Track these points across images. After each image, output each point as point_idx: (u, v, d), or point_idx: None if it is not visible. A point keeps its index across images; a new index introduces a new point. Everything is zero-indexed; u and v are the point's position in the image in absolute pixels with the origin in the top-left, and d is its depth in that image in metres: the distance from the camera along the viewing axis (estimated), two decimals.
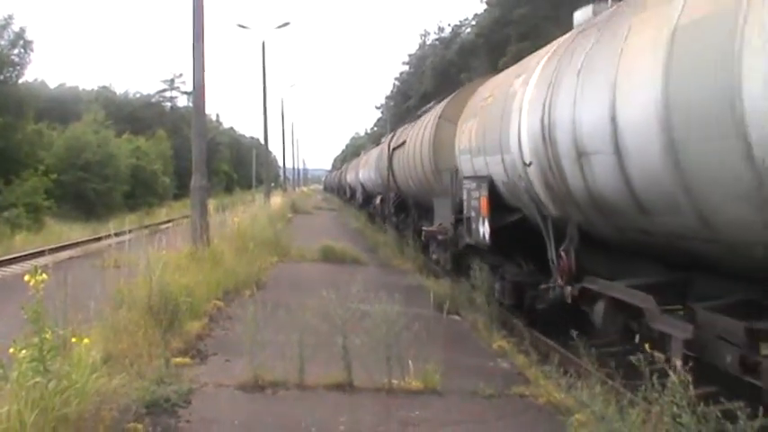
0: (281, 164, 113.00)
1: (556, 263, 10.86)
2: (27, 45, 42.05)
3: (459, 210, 16.10)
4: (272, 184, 73.56)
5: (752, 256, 6.49)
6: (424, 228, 21.84)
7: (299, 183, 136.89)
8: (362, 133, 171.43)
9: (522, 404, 8.47)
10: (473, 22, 75.97)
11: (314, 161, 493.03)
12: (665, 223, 7.74)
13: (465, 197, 15.36)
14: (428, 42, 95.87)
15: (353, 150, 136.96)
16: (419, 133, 23.57)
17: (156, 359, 8.72)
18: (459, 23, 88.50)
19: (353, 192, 55.95)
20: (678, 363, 6.92)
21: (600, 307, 9.54)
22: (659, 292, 8.09)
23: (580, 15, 11.36)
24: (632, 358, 6.72)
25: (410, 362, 8.73)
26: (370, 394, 8.36)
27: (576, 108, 9.10)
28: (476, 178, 14.61)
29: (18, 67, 41.96)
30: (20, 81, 43.40)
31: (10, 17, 41.25)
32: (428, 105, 26.90)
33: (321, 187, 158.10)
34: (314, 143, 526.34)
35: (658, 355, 7.21)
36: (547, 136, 10.12)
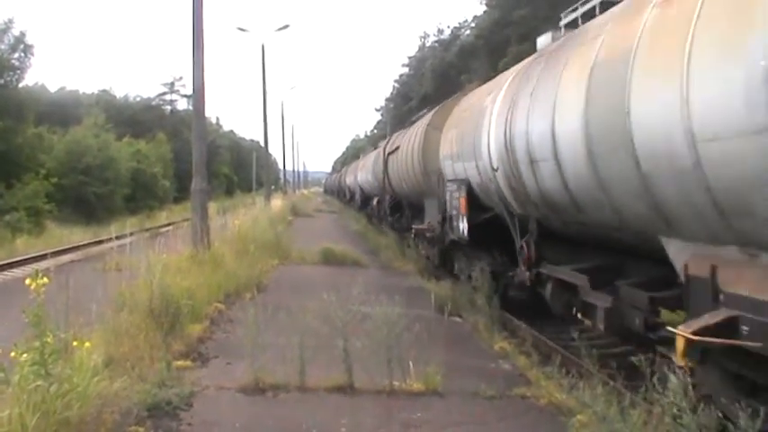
0: (281, 166, 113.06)
1: (520, 253, 12.88)
2: (27, 49, 42.09)
3: (444, 209, 17.75)
4: (273, 187, 73.52)
5: (652, 243, 8.11)
6: (413, 226, 23.59)
7: (299, 185, 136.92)
8: (362, 135, 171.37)
9: (524, 405, 8.47)
10: (472, 24, 76.05)
11: (314, 164, 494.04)
12: (594, 217, 9.59)
13: (448, 198, 17.24)
14: (428, 44, 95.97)
15: (354, 153, 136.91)
16: (411, 139, 25.17)
17: (157, 362, 8.72)
18: (458, 25, 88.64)
19: (353, 194, 58.05)
20: (601, 326, 9.60)
21: (549, 287, 11.66)
22: (594, 273, 10.01)
23: (542, 41, 13.17)
24: (633, 359, 6.73)
25: (411, 364, 8.74)
26: (371, 396, 8.36)
27: (529, 123, 10.97)
28: (456, 181, 16.47)
29: (18, 71, 42.00)
30: (20, 85, 43.41)
31: (10, 21, 41.28)
32: (420, 113, 29.08)
33: (321, 190, 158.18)
34: (314, 146, 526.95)
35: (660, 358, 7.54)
36: (508, 146, 11.96)
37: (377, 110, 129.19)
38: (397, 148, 28.15)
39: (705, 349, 6.66)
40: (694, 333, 6.41)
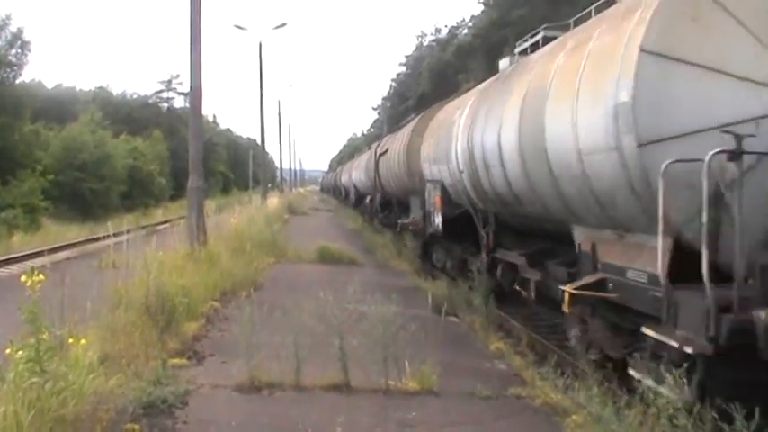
0: (278, 165, 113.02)
1: (481, 242, 15.67)
2: (24, 45, 42.12)
3: (424, 206, 20.38)
4: (269, 185, 73.53)
5: (567, 229, 10.59)
6: (399, 221, 26.20)
7: (295, 184, 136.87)
8: (359, 134, 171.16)
9: (519, 405, 8.47)
10: (470, 24, 76.02)
11: (311, 162, 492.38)
12: (530, 211, 12.23)
13: (427, 196, 19.83)
14: (425, 43, 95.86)
15: (350, 151, 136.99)
16: (398, 143, 28.07)
17: (152, 360, 8.72)
18: (456, 24, 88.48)
19: (347, 192, 60.72)
20: (532, 295, 12.72)
21: (500, 268, 14.59)
22: (531, 256, 12.78)
23: (502, 64, 15.82)
24: (629, 359, 6.74)
25: (407, 363, 8.74)
26: (367, 395, 8.36)
27: (484, 136, 13.71)
28: (433, 181, 19.08)
29: (15, 68, 41.99)
30: (17, 81, 43.40)
31: (8, 17, 41.24)
32: (408, 118, 32.78)
33: (318, 188, 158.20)
34: (311, 144, 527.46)
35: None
36: (470, 153, 14.66)
37: (374, 108, 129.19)
38: (387, 150, 30.94)
39: (593, 305, 9.26)
40: (576, 289, 9.18)
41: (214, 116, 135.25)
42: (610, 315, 9.09)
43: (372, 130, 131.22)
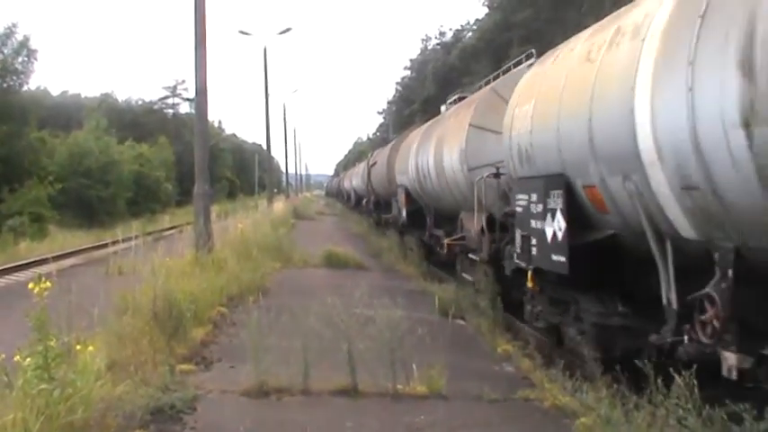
0: (283, 169, 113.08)
1: (427, 224, 23.13)
2: (31, 54, 42.07)
3: (398, 204, 27.63)
4: (275, 190, 73.58)
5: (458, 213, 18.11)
6: (383, 215, 35.68)
7: (301, 188, 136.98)
8: (365, 138, 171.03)
9: (528, 408, 8.45)
10: (474, 27, 76.10)
11: (316, 167, 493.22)
12: (446, 204, 19.83)
13: (398, 196, 27.81)
14: (430, 47, 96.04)
15: (356, 156, 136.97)
16: (383, 156, 36.57)
17: (160, 366, 8.72)
18: (460, 28, 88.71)
19: (349, 195, 69.33)
20: (443, 251, 19.60)
21: (432, 239, 22.69)
22: (449, 232, 19.55)
23: (443, 108, 23.61)
24: (637, 362, 6.72)
25: (415, 367, 8.74)
26: (375, 399, 8.36)
27: (420, 157, 22.17)
28: (401, 186, 26.91)
29: (22, 76, 42.00)
30: (23, 89, 43.44)
31: (14, 25, 41.29)
32: (391, 139, 43.42)
33: (323, 193, 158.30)
34: (316, 148, 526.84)
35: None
36: (417, 167, 22.54)
37: (379, 113, 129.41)
38: (376, 162, 40.35)
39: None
40: (452, 241, 17.43)
41: (219, 121, 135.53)
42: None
43: (378, 134, 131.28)
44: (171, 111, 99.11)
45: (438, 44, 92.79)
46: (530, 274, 11.19)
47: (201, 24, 17.81)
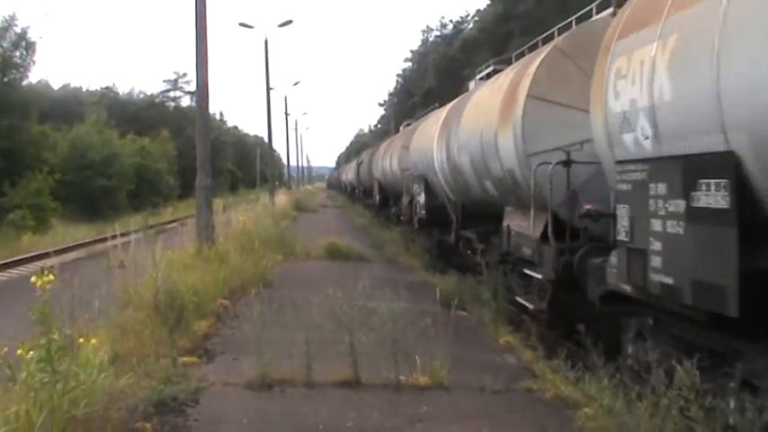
0: (285, 162, 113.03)
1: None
2: (29, 46, 41.91)
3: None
4: (277, 183, 73.56)
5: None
6: (367, 200, 46.57)
7: (303, 181, 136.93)
8: (366, 130, 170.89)
9: (530, 399, 8.47)
10: (475, 18, 75.97)
11: (318, 159, 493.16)
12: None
13: (376, 186, 39.74)
14: (431, 38, 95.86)
15: (357, 147, 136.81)
16: (366, 158, 51.05)
17: (163, 358, 8.74)
18: (460, 19, 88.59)
19: (346, 186, 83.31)
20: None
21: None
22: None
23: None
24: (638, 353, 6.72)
25: (417, 358, 8.74)
26: (377, 391, 8.37)
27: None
28: (374, 179, 37.49)
29: (22, 69, 41.87)
30: (24, 83, 43.34)
31: (12, 18, 41.14)
32: (378, 143, 53.00)
33: (325, 185, 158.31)
34: (318, 140, 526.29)
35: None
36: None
37: (380, 104, 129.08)
38: (362, 161, 55.73)
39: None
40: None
41: (221, 114, 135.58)
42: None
43: (379, 125, 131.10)
44: (172, 104, 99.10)
45: (439, 36, 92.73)
46: None
47: (202, 18, 17.75)
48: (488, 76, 18.85)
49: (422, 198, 22.94)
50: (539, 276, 11.89)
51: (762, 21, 5.59)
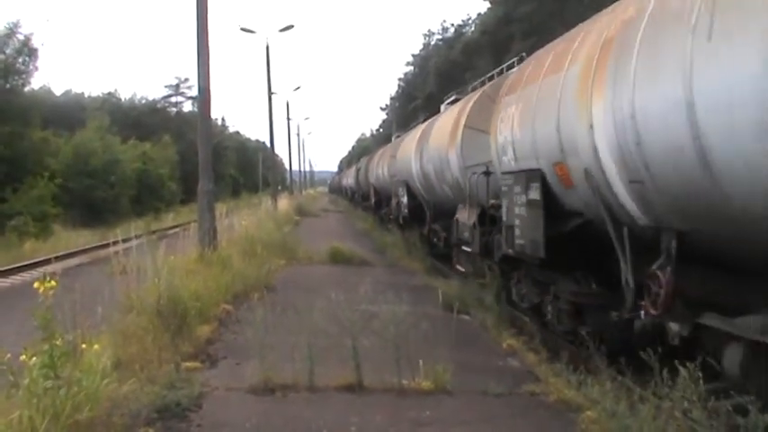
0: (287, 166, 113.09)
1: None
2: (32, 53, 41.96)
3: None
4: (279, 187, 73.63)
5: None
6: (365, 203, 50.26)
7: (305, 185, 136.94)
8: (368, 134, 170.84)
9: (533, 402, 8.46)
10: (477, 21, 75.95)
11: (321, 163, 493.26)
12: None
13: (372, 190, 44.45)
14: (432, 42, 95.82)
15: (359, 152, 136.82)
16: (364, 164, 56.63)
17: (166, 364, 8.75)
18: (462, 23, 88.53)
19: (347, 191, 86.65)
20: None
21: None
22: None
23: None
24: (642, 354, 6.73)
25: (420, 362, 8.74)
26: (380, 395, 8.37)
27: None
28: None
29: (24, 75, 41.90)
30: (26, 89, 43.35)
31: (15, 25, 41.18)
32: (373, 152, 58.56)
33: (327, 190, 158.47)
34: (320, 145, 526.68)
35: None
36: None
37: (382, 109, 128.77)
38: (360, 168, 62.24)
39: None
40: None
41: (223, 119, 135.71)
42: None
43: (381, 129, 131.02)
44: (174, 109, 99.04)
45: (440, 39, 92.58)
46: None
47: (204, 23, 17.80)
48: (453, 101, 24.24)
49: (404, 199, 28.27)
50: (469, 250, 16.82)
51: (546, 104, 10.68)
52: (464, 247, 17.47)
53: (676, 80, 6.77)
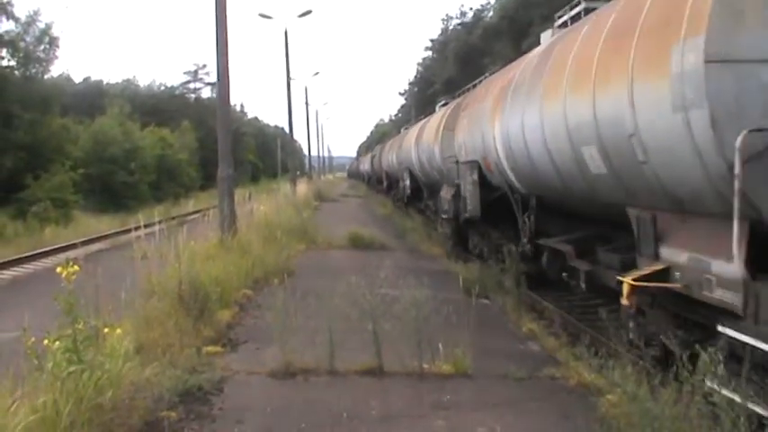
0: (306, 152, 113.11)
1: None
2: (53, 41, 42.09)
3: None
4: (298, 173, 73.70)
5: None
6: (378, 186, 59.07)
7: (324, 171, 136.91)
8: (387, 119, 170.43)
9: (553, 386, 8.47)
10: (495, 5, 75.53)
11: (339, 148, 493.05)
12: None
13: (384, 175, 53.83)
14: (451, 27, 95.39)
15: (377, 137, 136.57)
16: (377, 152, 66.11)
17: (187, 348, 8.80)
18: (480, 7, 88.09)
19: (363, 175, 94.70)
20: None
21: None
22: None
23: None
24: (663, 338, 6.70)
25: (440, 346, 8.75)
26: (400, 379, 8.39)
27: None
28: (383, 169, 50.78)
29: (44, 63, 42.07)
30: (46, 77, 43.52)
31: (36, 13, 41.32)
32: (383, 142, 69.23)
33: (346, 175, 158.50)
34: (339, 130, 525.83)
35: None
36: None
37: (401, 94, 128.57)
38: (375, 155, 70.17)
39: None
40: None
41: (242, 105, 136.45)
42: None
43: (400, 115, 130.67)
44: (193, 95, 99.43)
45: (459, 24, 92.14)
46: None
47: (222, 8, 17.79)
48: (444, 104, 29.93)
49: (408, 182, 35.84)
50: (445, 217, 21.97)
51: (478, 120, 17.32)
52: (443, 215, 22.54)
53: (519, 117, 12.85)
